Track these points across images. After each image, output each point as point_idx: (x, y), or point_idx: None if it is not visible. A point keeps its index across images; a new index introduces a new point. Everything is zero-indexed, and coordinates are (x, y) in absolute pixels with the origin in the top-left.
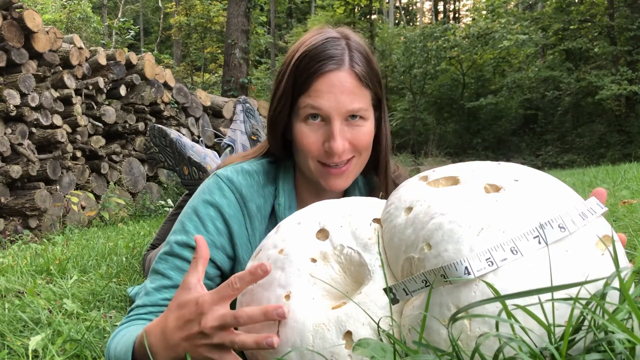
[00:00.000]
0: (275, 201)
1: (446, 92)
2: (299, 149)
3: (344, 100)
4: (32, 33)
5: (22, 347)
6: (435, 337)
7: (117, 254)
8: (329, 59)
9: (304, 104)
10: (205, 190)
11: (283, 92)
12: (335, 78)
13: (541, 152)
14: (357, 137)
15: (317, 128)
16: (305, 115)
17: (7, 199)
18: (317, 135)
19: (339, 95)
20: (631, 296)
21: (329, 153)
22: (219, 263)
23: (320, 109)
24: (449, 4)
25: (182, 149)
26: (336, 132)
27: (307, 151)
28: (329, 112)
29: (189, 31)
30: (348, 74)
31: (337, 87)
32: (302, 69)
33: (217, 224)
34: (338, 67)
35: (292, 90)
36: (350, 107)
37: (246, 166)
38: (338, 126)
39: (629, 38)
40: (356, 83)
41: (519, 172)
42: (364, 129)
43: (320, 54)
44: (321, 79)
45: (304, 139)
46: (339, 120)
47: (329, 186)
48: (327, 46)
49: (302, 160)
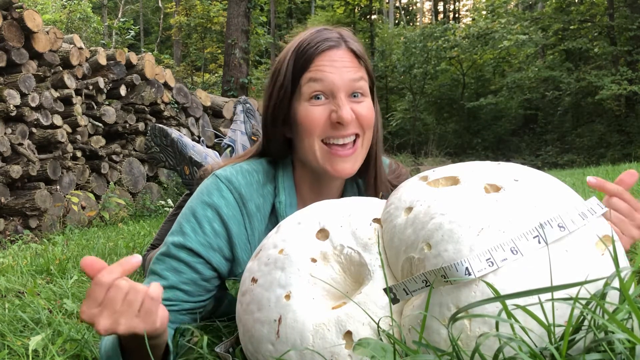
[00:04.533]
0: (276, 199)
1: (446, 92)
2: (303, 130)
3: (345, 72)
4: (32, 33)
5: (22, 347)
6: (435, 337)
7: (117, 254)
8: (326, 40)
9: (307, 80)
10: (203, 191)
11: (284, 79)
12: (335, 54)
13: (541, 152)
14: (360, 111)
15: (322, 104)
16: (309, 93)
17: (7, 199)
18: (322, 110)
19: (340, 68)
20: (631, 296)
21: (336, 125)
22: (215, 265)
23: (323, 80)
24: (449, 4)
25: (183, 148)
26: (342, 102)
27: (314, 127)
28: (332, 84)
29: (189, 31)
30: (346, 51)
31: (338, 61)
32: (302, 51)
33: (215, 226)
34: (336, 45)
35: (293, 73)
36: (353, 76)
37: (245, 165)
38: (343, 97)
39: (629, 38)
40: (354, 59)
41: (518, 172)
42: (365, 104)
43: (317, 37)
44: (322, 56)
45: (309, 116)
46: (343, 92)
47: (335, 171)
48: (322, 32)
49: (306, 146)
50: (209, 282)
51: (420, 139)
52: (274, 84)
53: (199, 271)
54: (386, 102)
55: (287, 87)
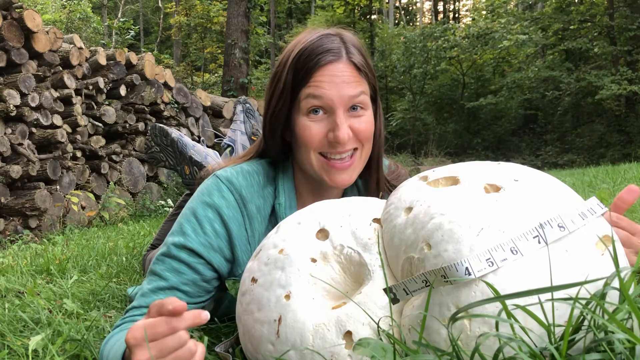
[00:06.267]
0: (276, 201)
1: (446, 92)
2: (300, 143)
3: (345, 88)
4: (32, 33)
5: (22, 347)
6: (435, 337)
7: (117, 254)
8: (327, 52)
9: (305, 95)
10: (204, 191)
11: (283, 89)
12: (335, 69)
13: (541, 152)
14: (359, 127)
15: (320, 120)
16: (307, 108)
17: (7, 199)
18: (319, 126)
19: (339, 84)
20: (631, 296)
21: (333, 143)
22: (216, 266)
23: (322, 97)
24: (448, 4)
25: (183, 148)
26: (340, 120)
27: (310, 143)
28: (331, 101)
29: (189, 31)
30: (347, 65)
31: (338, 76)
32: (302, 63)
33: (215, 226)
34: (337, 58)
35: (292, 85)
36: (352, 92)
37: (246, 167)
38: (341, 115)
39: (629, 38)
40: (355, 73)
41: (518, 172)
42: (365, 118)
43: (318, 48)
44: (321, 71)
45: (307, 131)
46: (342, 109)
47: (333, 182)
48: (323, 41)
49: (304, 157)
50: (209, 283)
51: (420, 139)
52: (273, 89)
53: (199, 272)
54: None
55: (286, 98)
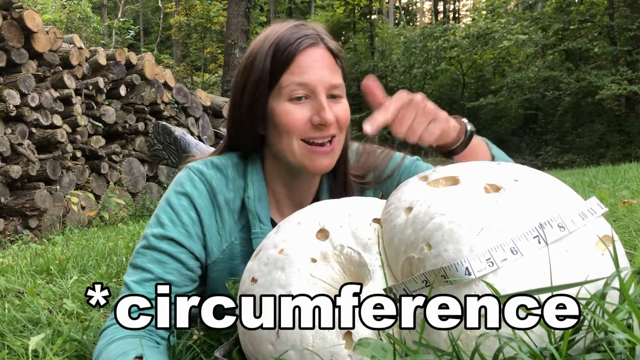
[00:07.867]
0: (245, 194)
1: (446, 92)
2: (282, 130)
3: (326, 74)
4: (32, 33)
5: (22, 347)
6: (435, 337)
7: (117, 254)
8: (305, 36)
9: (288, 82)
10: (177, 182)
11: (260, 77)
12: (316, 53)
13: (541, 152)
14: (339, 113)
15: (303, 105)
16: (290, 94)
17: (7, 199)
18: (303, 111)
19: (320, 70)
20: (631, 296)
21: (318, 126)
22: (197, 254)
23: (306, 84)
24: (449, 4)
25: (186, 146)
26: (325, 103)
27: (294, 128)
28: (314, 86)
29: (189, 31)
30: (325, 50)
31: (319, 61)
32: (282, 47)
33: (191, 214)
34: (316, 42)
35: (271, 71)
36: (333, 81)
37: (216, 160)
38: (325, 98)
39: (629, 38)
40: (333, 59)
41: (518, 172)
42: (343, 105)
43: (295, 33)
44: (302, 55)
45: (290, 116)
46: (324, 93)
47: (315, 167)
48: (299, 28)
49: (284, 145)
50: (192, 271)
51: None
52: (246, 80)
53: (182, 261)
54: None
55: (264, 84)
